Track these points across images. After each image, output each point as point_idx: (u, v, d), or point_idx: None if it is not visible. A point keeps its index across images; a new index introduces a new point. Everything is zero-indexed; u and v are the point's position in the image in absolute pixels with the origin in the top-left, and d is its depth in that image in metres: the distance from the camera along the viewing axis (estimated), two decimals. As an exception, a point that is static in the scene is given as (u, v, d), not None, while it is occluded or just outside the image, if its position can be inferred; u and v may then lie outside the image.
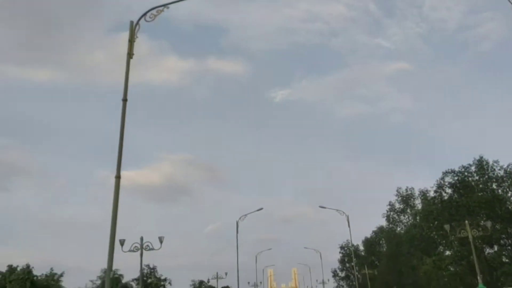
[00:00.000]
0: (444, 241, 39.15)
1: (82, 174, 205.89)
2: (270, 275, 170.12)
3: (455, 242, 35.70)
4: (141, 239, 23.48)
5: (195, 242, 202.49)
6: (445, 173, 38.78)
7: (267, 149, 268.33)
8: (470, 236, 22.35)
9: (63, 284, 46.86)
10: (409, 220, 54.26)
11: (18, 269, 40.44)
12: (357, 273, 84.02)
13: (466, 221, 23.44)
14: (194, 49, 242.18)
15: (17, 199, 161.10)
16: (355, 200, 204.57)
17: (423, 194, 53.49)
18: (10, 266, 41.33)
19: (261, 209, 40.11)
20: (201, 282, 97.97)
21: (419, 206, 53.65)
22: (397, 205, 56.19)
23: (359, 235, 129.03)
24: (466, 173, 38.24)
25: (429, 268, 35.97)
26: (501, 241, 36.79)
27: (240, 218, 38.99)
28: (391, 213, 56.58)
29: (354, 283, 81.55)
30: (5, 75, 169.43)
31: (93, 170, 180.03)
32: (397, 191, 56.02)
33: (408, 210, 54.95)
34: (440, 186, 39.25)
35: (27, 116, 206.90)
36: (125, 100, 12.82)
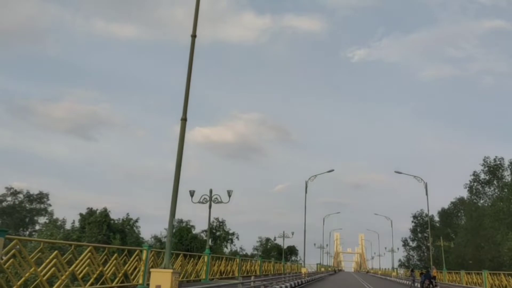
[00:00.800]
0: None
1: (161, 128, 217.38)
2: (337, 239, 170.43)
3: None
4: (210, 191, 23.56)
5: (263, 200, 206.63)
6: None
7: (342, 112, 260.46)
8: None
9: (138, 229, 49.65)
10: (495, 193, 49.68)
11: (97, 212, 43.05)
12: (430, 244, 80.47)
13: None
14: (272, 5, 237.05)
15: (102, 149, 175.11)
16: (434, 169, 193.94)
17: (514, 165, 48.63)
18: (90, 209, 44.27)
19: (332, 170, 38.80)
20: (267, 240, 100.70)
21: (509, 178, 48.84)
22: (482, 176, 51.54)
23: (434, 206, 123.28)
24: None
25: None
26: None
27: (309, 178, 38.08)
28: (475, 184, 52.13)
29: (425, 254, 78.40)
30: (93, 29, 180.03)
31: (173, 124, 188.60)
32: (484, 160, 51.21)
33: (495, 182, 50.22)
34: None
35: (112, 69, 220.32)
36: (194, 36, 12.27)
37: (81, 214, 43.91)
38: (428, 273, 32.71)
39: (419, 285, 31.12)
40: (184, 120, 11.84)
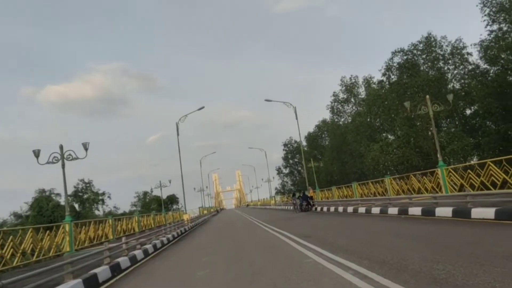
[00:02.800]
0: (390, 126, 38.22)
1: (4, 91, 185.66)
2: (215, 180, 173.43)
3: (401, 125, 34.66)
4: (61, 147, 18.80)
5: (137, 154, 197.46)
6: (394, 53, 36.39)
7: (204, 52, 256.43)
8: (431, 112, 20.06)
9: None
10: (353, 110, 53.27)
11: None
12: (303, 168, 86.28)
13: (427, 96, 21.05)
14: None
15: None
16: (300, 98, 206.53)
17: (367, 81, 52.14)
18: None
19: (203, 107, 36.09)
20: (145, 193, 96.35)
21: (364, 95, 52.54)
22: (341, 95, 54.62)
23: (302, 133, 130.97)
24: (415, 51, 36.05)
25: (376, 154, 35.10)
26: (447, 120, 36.36)
27: (180, 119, 34.79)
28: (335, 104, 55.12)
29: (297, 178, 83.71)
30: None
31: (19, 87, 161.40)
32: (341, 80, 54.05)
33: (352, 99, 53.70)
34: (388, 68, 37.07)
35: None
36: None
37: None
38: (305, 194, 33.44)
39: (297, 208, 31.63)
40: None
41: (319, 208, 30.69)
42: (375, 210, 18.27)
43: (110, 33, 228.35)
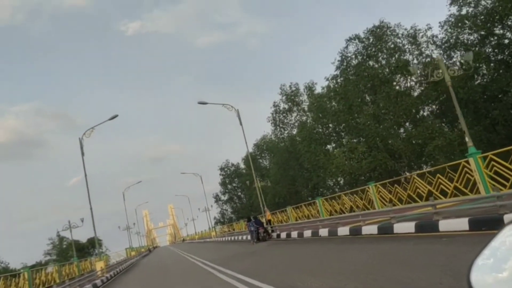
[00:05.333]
0: (349, 128, 32.37)
1: None
2: (146, 216, 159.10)
3: (365, 124, 28.86)
4: None
5: (58, 197, 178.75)
6: (349, 40, 30.92)
7: (125, 89, 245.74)
8: (447, 77, 13.86)
9: None
10: (298, 120, 47.40)
11: None
12: (240, 193, 78.50)
13: (439, 57, 15.03)
14: None
15: None
16: (231, 127, 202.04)
17: (309, 88, 46.82)
18: None
19: (116, 116, 27.46)
20: (61, 239, 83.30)
21: (308, 102, 47.20)
22: (282, 105, 48.53)
23: (237, 156, 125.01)
24: (371, 38, 30.76)
25: (341, 161, 28.77)
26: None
27: (84, 133, 25.98)
28: (277, 115, 48.83)
29: (237, 204, 75.77)
30: None
31: None
32: (280, 89, 48.04)
33: (295, 109, 47.83)
34: (344, 58, 31.42)
35: None
36: None
37: None
38: (257, 219, 26.11)
39: (253, 238, 24.10)
40: None
41: (277, 235, 23.65)
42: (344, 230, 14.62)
43: (22, 72, 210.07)
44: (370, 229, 12.96)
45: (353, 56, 31.20)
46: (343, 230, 15.05)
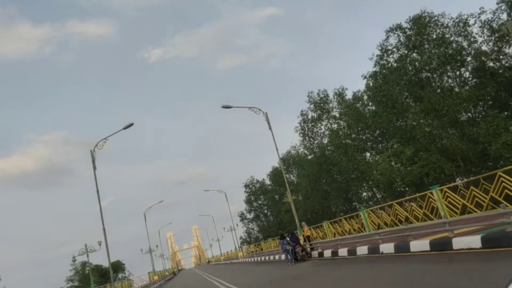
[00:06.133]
0: (393, 130, 28.62)
1: None
2: (170, 238, 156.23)
3: (416, 122, 25.13)
4: None
5: (85, 223, 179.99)
6: (390, 31, 27.46)
7: (152, 114, 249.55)
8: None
9: None
10: (329, 127, 43.92)
11: None
12: (266, 211, 74.68)
13: None
14: (49, 13, 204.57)
15: None
16: (255, 147, 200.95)
17: (340, 94, 43.45)
18: None
19: (131, 124, 24.79)
20: (84, 264, 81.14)
21: (338, 110, 43.78)
22: (310, 114, 45.11)
23: (262, 173, 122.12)
24: (416, 27, 27.20)
25: (385, 166, 25.04)
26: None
27: (97, 144, 23.35)
28: (305, 125, 45.37)
29: (264, 223, 71.89)
30: None
31: None
32: (308, 96, 44.70)
33: (325, 117, 44.34)
34: (384, 51, 27.96)
35: None
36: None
37: None
38: (294, 235, 22.63)
39: (290, 258, 20.61)
40: None
41: (318, 253, 20.05)
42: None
43: (50, 102, 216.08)
44: (466, 241, 9.41)
45: (395, 50, 27.72)
46: (419, 245, 11.50)
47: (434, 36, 27.15)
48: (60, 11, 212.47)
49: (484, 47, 26.41)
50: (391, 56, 27.67)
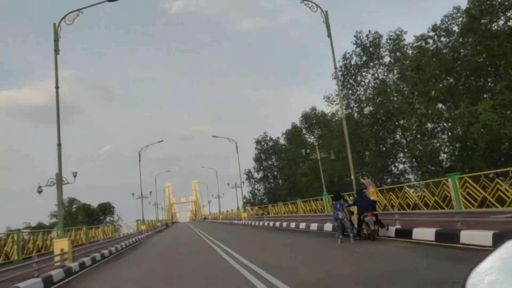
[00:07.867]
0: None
1: None
2: (168, 188, 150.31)
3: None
4: None
5: (90, 164, 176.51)
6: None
7: (162, 64, 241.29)
8: None
9: None
10: (375, 77, 35.33)
11: None
12: (276, 173, 66.87)
13: None
14: None
15: None
16: (264, 113, 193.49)
17: (397, 37, 34.66)
18: None
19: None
20: (71, 201, 75.89)
21: (387, 57, 35.19)
22: (354, 59, 36.38)
23: (276, 130, 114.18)
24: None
25: (493, 118, 16.81)
26: None
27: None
28: (346, 71, 36.68)
29: (271, 184, 64.36)
30: None
31: None
32: (355, 37, 35.80)
33: (371, 63, 35.65)
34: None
35: None
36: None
37: None
38: (362, 194, 14.31)
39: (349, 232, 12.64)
40: None
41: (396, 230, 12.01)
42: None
43: (67, 42, 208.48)
44: None
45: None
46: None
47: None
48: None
49: None
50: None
